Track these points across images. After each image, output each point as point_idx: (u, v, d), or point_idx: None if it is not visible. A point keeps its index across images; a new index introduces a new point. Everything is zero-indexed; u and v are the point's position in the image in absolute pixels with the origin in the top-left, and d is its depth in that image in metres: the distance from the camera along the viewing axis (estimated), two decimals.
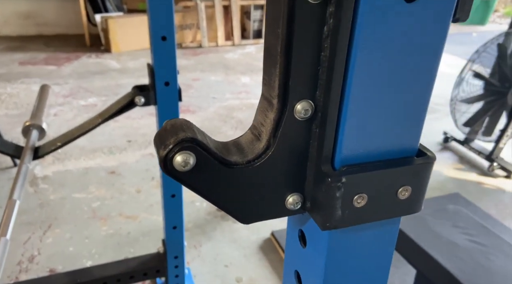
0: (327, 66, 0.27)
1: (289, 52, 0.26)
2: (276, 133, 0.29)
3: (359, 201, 0.29)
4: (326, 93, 0.27)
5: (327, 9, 0.25)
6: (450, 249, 1.29)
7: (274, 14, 0.26)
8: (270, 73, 0.28)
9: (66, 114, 2.94)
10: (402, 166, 0.29)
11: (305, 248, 0.35)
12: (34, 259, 1.62)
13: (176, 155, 0.27)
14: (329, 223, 0.29)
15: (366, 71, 0.26)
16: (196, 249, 1.74)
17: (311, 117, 0.29)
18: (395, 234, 0.34)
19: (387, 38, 0.26)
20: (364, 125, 0.28)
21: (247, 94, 3.50)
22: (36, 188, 2.08)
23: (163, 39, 1.10)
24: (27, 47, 4.54)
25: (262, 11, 5.08)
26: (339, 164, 0.29)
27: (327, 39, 0.26)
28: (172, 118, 0.30)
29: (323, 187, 0.29)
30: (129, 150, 2.49)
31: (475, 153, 2.56)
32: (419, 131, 0.30)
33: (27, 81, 3.52)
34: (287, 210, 0.32)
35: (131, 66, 4.07)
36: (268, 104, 0.29)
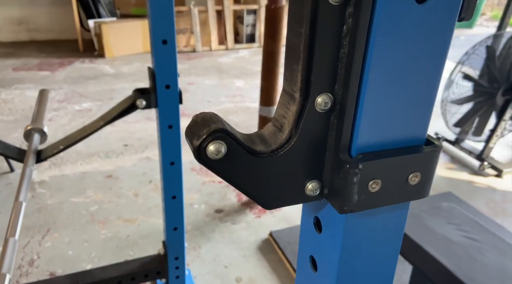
0: (345, 62, 0.29)
1: (311, 49, 0.29)
2: (298, 124, 0.31)
3: (374, 187, 0.32)
4: (344, 87, 0.30)
5: (346, 10, 0.28)
6: (446, 245, 1.33)
7: (297, 15, 0.29)
8: (292, 69, 0.31)
9: (61, 119, 2.94)
10: (413, 153, 0.32)
11: (321, 233, 0.38)
12: (34, 263, 1.62)
13: (209, 144, 0.29)
14: (347, 207, 0.32)
15: (381, 66, 0.29)
16: (196, 250, 1.76)
17: (330, 109, 0.31)
18: (405, 218, 0.36)
19: (400, 36, 0.28)
20: (378, 116, 0.31)
21: (241, 98, 3.53)
22: (33, 192, 2.07)
23: (164, 42, 1.12)
24: (20, 53, 4.52)
25: (254, 16, 5.13)
26: (355, 152, 0.31)
27: (346, 37, 0.29)
28: (200, 112, 0.32)
29: (341, 174, 0.31)
30: (126, 154, 2.50)
31: (466, 153, 2.61)
32: (427, 121, 0.33)
33: (21, 87, 3.51)
34: (307, 196, 0.34)
35: (125, 70, 4.08)
36: (290, 97, 0.32)
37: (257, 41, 5.21)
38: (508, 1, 2.53)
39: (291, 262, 1.66)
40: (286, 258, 1.69)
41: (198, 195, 2.09)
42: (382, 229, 0.36)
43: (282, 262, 1.71)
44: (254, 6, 5.06)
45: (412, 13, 0.28)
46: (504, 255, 1.28)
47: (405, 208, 0.36)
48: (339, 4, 0.28)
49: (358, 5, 0.27)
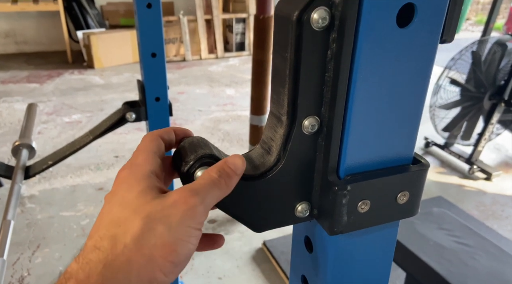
0: (331, 85, 0.30)
1: (296, 73, 0.29)
2: (286, 147, 0.31)
3: (363, 207, 0.32)
4: (330, 109, 0.30)
5: (330, 35, 0.28)
6: (438, 251, 1.34)
7: (282, 40, 0.29)
8: (278, 92, 0.31)
9: (51, 132, 2.90)
10: (401, 173, 0.32)
11: (311, 253, 0.38)
12: (24, 280, 1.59)
13: (197, 170, 0.29)
14: (336, 228, 0.32)
15: (366, 89, 0.29)
16: (193, 259, 1.74)
17: (317, 131, 0.31)
18: (395, 236, 0.37)
19: (384, 59, 0.29)
20: (365, 138, 0.31)
21: (232, 106, 3.53)
22: (23, 207, 2.04)
23: (153, 55, 1.12)
24: (7, 65, 4.47)
25: (243, 24, 5.16)
26: (344, 173, 0.32)
27: (331, 61, 0.29)
28: (188, 137, 0.32)
29: (330, 195, 0.31)
30: (117, 166, 2.48)
31: (455, 156, 2.64)
32: (413, 140, 0.33)
33: (9, 100, 3.46)
34: (297, 218, 0.34)
35: (115, 81, 4.05)
36: (277, 120, 0.32)
37: (246, 49, 5.23)
38: (492, 7, 2.59)
39: (285, 272, 1.65)
40: (281, 268, 1.68)
41: None
42: (372, 248, 0.36)
43: (277, 272, 1.70)
44: (243, 14, 5.09)
45: (394, 37, 0.28)
46: (495, 259, 1.29)
47: (395, 226, 0.36)
48: (322, 30, 0.28)
49: (341, 31, 0.27)
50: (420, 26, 0.29)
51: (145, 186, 0.29)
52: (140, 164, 0.31)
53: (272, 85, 0.32)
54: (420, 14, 0.28)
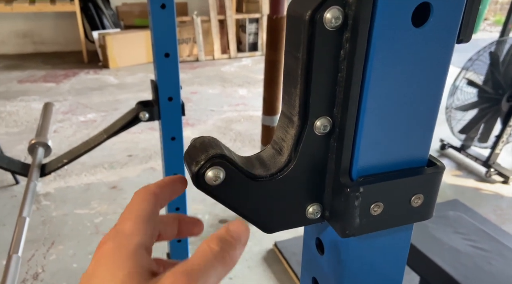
0: (344, 85, 0.29)
1: (308, 74, 0.29)
2: (297, 148, 0.31)
3: (376, 210, 0.31)
4: (343, 110, 0.30)
5: (343, 35, 0.28)
6: (453, 255, 1.31)
7: (294, 40, 0.29)
8: (290, 93, 0.31)
9: (66, 131, 2.95)
10: (415, 175, 0.32)
11: (323, 255, 0.37)
12: (38, 276, 1.62)
13: (207, 170, 0.29)
14: (348, 230, 0.31)
15: (380, 89, 0.29)
16: None
17: (329, 132, 0.31)
18: (409, 240, 0.36)
19: (399, 59, 0.28)
20: (378, 139, 0.30)
21: (244, 106, 3.54)
22: (38, 205, 2.08)
23: (166, 55, 1.12)
24: (25, 65, 4.57)
25: (257, 25, 5.16)
26: (356, 175, 0.31)
27: (344, 61, 0.28)
28: (199, 137, 0.32)
29: (342, 197, 0.31)
30: (130, 164, 2.50)
31: (472, 159, 2.59)
32: (429, 142, 0.32)
33: (26, 99, 3.54)
34: (308, 219, 0.34)
35: (129, 81, 4.10)
36: (289, 121, 0.32)
37: (259, 50, 5.23)
38: (510, 7, 2.53)
39: (296, 273, 1.65)
40: (292, 269, 1.67)
41: (202, 205, 2.08)
42: (385, 251, 0.35)
43: (288, 273, 1.69)
44: (256, 15, 5.09)
45: (409, 37, 0.28)
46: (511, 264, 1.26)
47: (409, 229, 0.35)
48: (335, 30, 0.27)
49: (355, 31, 0.27)
50: (436, 26, 0.28)
51: (131, 268, 0.26)
52: (127, 234, 0.27)
53: (283, 86, 0.32)
54: (436, 13, 0.28)
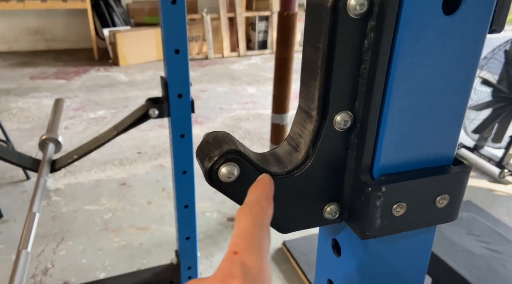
0: (367, 78, 0.27)
1: (329, 65, 0.27)
2: (316, 144, 0.29)
3: (398, 210, 0.30)
4: (365, 104, 0.28)
5: (368, 23, 0.26)
6: (466, 257, 1.28)
7: (314, 29, 0.27)
8: (308, 85, 0.29)
9: (77, 127, 2.97)
10: (440, 174, 0.30)
11: (339, 257, 0.36)
12: (48, 271, 1.63)
13: (221, 166, 0.28)
14: (369, 232, 0.30)
15: (406, 82, 0.27)
16: (208, 259, 1.74)
17: (350, 127, 0.29)
18: (431, 242, 0.34)
19: (427, 50, 0.26)
20: (403, 135, 0.29)
21: (253, 104, 3.52)
22: (48, 200, 2.09)
23: (176, 52, 1.11)
24: (37, 62, 4.61)
25: (266, 22, 5.13)
26: (378, 173, 0.29)
27: (368, 52, 0.27)
28: (212, 131, 0.31)
29: (362, 197, 0.29)
30: (139, 161, 2.51)
31: (485, 159, 2.54)
32: (455, 139, 0.30)
33: (37, 96, 3.57)
34: (325, 219, 0.32)
35: (139, 78, 4.12)
36: (307, 115, 0.30)
37: (269, 48, 5.21)
38: None
39: (305, 273, 1.63)
40: (300, 268, 1.66)
41: (210, 203, 2.07)
42: (406, 254, 0.34)
43: (296, 273, 1.67)
44: (266, 12, 5.06)
45: (439, 26, 0.26)
46: None
47: (432, 231, 0.34)
48: (360, 17, 0.26)
49: (380, 19, 0.25)
50: (467, 14, 0.26)
51: None
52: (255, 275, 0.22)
53: (301, 78, 0.30)
54: (468, 0, 0.26)
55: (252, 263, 0.23)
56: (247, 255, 0.23)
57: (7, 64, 4.49)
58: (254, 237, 0.24)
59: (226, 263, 0.23)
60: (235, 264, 0.22)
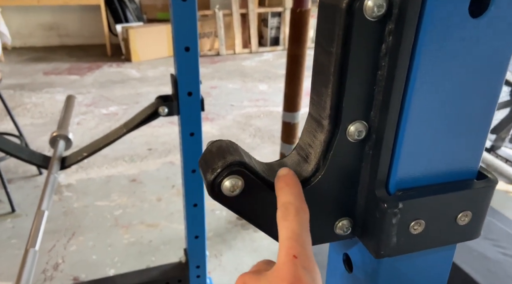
0: (384, 85, 0.25)
1: (343, 71, 0.25)
2: (327, 155, 0.27)
3: (416, 228, 0.27)
4: (382, 114, 0.26)
5: (386, 26, 0.24)
6: (482, 263, 1.25)
7: (327, 32, 0.25)
8: (320, 93, 0.27)
9: (89, 123, 2.99)
10: (463, 190, 0.28)
11: (351, 273, 0.34)
12: (58, 267, 1.64)
13: (224, 179, 0.26)
14: (384, 251, 0.28)
15: (427, 89, 0.25)
16: (217, 258, 1.73)
17: (364, 138, 0.27)
18: (450, 260, 0.32)
19: (451, 55, 0.24)
20: (422, 147, 0.26)
21: (265, 102, 3.50)
22: (60, 196, 2.11)
23: (187, 49, 1.10)
24: (50, 57, 4.66)
25: (279, 19, 5.09)
26: (394, 188, 0.27)
27: (385, 57, 0.24)
28: (216, 140, 0.29)
29: (377, 213, 0.27)
30: (150, 158, 2.51)
31: (502, 160, 2.47)
32: (480, 152, 0.28)
33: (51, 91, 3.61)
34: (336, 235, 0.30)
35: (151, 75, 4.13)
36: (317, 125, 0.28)
37: (281, 44, 5.16)
38: None
39: None
40: None
41: None
42: (423, 272, 0.31)
43: None
44: (279, 8, 5.02)
45: (465, 29, 0.23)
46: None
47: (452, 249, 0.31)
48: (377, 20, 0.23)
49: (400, 21, 0.23)
50: (496, 16, 0.24)
51: None
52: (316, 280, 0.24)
53: (312, 85, 0.28)
54: (497, 2, 0.23)
55: (311, 268, 0.24)
56: (306, 260, 0.24)
57: (22, 59, 4.55)
58: (306, 242, 0.25)
59: (289, 266, 0.23)
60: (299, 268, 0.23)
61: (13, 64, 4.36)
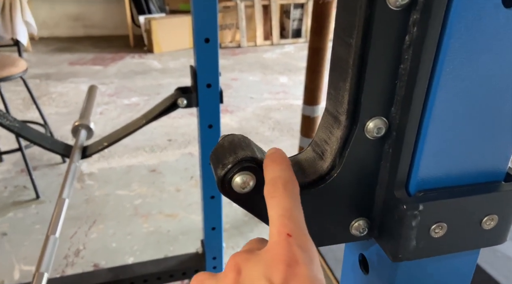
0: (406, 80, 0.24)
1: (362, 64, 0.23)
2: (343, 153, 0.26)
3: (437, 231, 0.26)
4: (403, 110, 0.24)
5: (410, 16, 0.22)
6: (506, 264, 1.20)
7: (347, 22, 0.24)
8: (337, 87, 0.26)
9: (111, 113, 3.05)
10: (489, 192, 0.26)
11: (367, 275, 0.32)
12: (79, 253, 1.69)
13: (235, 175, 0.25)
14: (402, 254, 0.26)
15: (454, 84, 0.23)
16: (234, 250, 1.74)
17: (384, 136, 0.26)
18: (473, 266, 0.30)
19: (481, 48, 0.22)
20: (446, 146, 0.25)
21: (285, 94, 3.47)
22: (82, 184, 2.17)
23: (206, 41, 1.09)
24: (76, 48, 4.76)
25: (301, 10, 5.02)
26: (415, 189, 0.26)
27: (409, 49, 0.23)
28: (229, 134, 0.28)
29: (395, 215, 0.26)
30: (169, 149, 2.54)
31: None
32: (509, 152, 0.26)
33: (75, 81, 3.69)
34: (351, 236, 0.29)
35: (172, 66, 4.15)
36: (334, 120, 0.27)
37: (303, 36, 5.10)
38: None
39: (332, 270, 1.59)
40: (327, 265, 1.62)
41: None
42: (444, 278, 0.30)
43: (324, 270, 1.64)
44: (302, 0, 4.95)
45: (497, 19, 0.22)
46: None
47: (475, 253, 0.29)
48: (401, 9, 0.22)
49: (426, 11, 0.21)
50: None
51: None
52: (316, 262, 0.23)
53: (330, 78, 0.27)
54: None
55: (306, 247, 0.23)
56: (301, 238, 0.23)
57: (48, 50, 4.66)
58: (299, 218, 0.24)
59: (284, 245, 0.22)
60: (294, 247, 0.22)
61: (40, 54, 4.48)
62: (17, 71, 1.88)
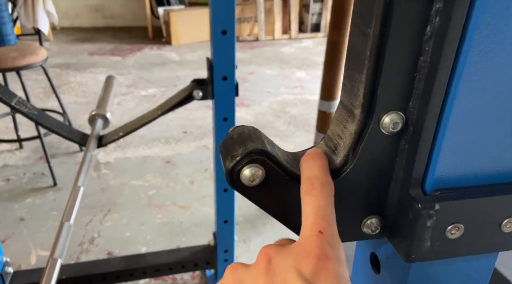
0: (426, 72, 0.22)
1: (380, 56, 0.22)
2: (357, 148, 0.25)
3: (454, 232, 0.25)
4: (422, 105, 0.23)
5: (432, 6, 0.21)
6: None
7: (364, 12, 0.22)
8: (353, 79, 0.25)
9: (128, 104, 3.08)
10: (510, 194, 0.24)
11: (379, 274, 0.31)
12: (94, 241, 1.72)
13: (244, 168, 0.24)
14: (415, 255, 0.25)
15: (477, 78, 0.22)
16: (246, 243, 1.74)
17: (400, 131, 0.25)
18: (491, 269, 0.29)
19: (507, 41, 0.21)
20: (466, 144, 0.24)
21: (302, 89, 3.44)
22: (99, 173, 2.20)
23: (223, 33, 1.08)
24: (95, 38, 4.82)
25: (321, 4, 4.95)
26: (431, 187, 0.25)
27: (430, 41, 0.22)
28: (239, 125, 0.27)
29: (410, 214, 0.25)
30: (185, 141, 2.55)
31: None
32: None
33: (94, 71, 3.74)
34: (363, 234, 0.28)
35: (189, 58, 4.17)
36: (348, 114, 0.26)
37: (322, 31, 5.04)
38: None
39: None
40: None
41: None
42: (459, 281, 0.29)
43: None
44: None
45: None
46: None
47: (493, 257, 0.28)
48: None
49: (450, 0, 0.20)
50: None
51: None
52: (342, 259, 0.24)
53: (345, 70, 0.26)
54: None
55: (336, 246, 0.23)
56: (332, 236, 0.23)
57: (69, 39, 4.74)
58: (331, 217, 0.24)
59: (315, 240, 0.23)
60: (325, 244, 0.23)
61: (61, 44, 4.55)
62: (38, 60, 1.91)
